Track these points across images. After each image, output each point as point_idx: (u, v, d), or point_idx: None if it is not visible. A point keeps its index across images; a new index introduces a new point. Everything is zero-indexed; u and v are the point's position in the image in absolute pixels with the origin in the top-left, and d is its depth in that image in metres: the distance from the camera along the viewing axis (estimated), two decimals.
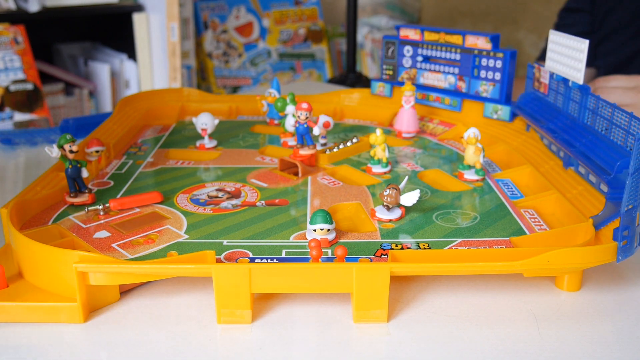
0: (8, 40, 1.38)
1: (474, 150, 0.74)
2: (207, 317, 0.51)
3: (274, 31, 1.86)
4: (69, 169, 0.66)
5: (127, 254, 0.56)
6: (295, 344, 0.48)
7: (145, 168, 0.79)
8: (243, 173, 0.77)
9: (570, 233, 0.59)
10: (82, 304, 0.50)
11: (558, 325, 0.51)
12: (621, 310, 0.53)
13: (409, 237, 0.60)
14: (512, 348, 0.48)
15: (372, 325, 0.51)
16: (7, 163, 0.90)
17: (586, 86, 0.70)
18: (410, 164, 0.80)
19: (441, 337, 0.49)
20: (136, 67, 1.61)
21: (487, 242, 0.59)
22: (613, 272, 0.59)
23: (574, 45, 0.70)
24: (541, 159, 0.76)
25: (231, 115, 1.03)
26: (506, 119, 0.88)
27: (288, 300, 0.54)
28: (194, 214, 0.65)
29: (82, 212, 0.65)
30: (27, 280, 0.53)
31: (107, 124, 0.88)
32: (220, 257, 0.55)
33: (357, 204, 0.67)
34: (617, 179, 0.60)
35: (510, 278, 0.57)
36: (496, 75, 0.89)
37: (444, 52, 0.94)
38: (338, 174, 0.77)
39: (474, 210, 0.66)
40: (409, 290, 0.56)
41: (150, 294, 0.55)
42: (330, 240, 0.58)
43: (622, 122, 0.62)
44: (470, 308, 0.53)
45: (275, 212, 0.66)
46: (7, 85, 1.36)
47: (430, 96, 0.96)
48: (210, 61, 1.75)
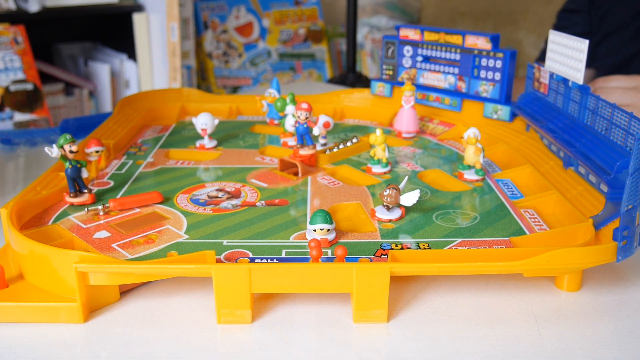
0: (8, 40, 1.38)
1: (473, 150, 0.74)
2: (207, 317, 0.51)
3: (274, 31, 1.86)
4: (68, 169, 0.66)
5: (127, 254, 0.56)
6: (295, 344, 0.48)
7: (145, 168, 0.79)
8: (243, 173, 0.77)
9: (570, 233, 0.59)
10: (82, 304, 0.50)
11: (558, 325, 0.51)
12: (621, 311, 0.53)
13: (409, 237, 0.60)
14: (512, 348, 0.48)
15: (372, 325, 0.51)
16: (7, 163, 0.90)
17: (586, 86, 0.70)
18: (410, 164, 0.80)
19: (441, 337, 0.49)
20: (136, 67, 1.61)
21: (487, 242, 0.59)
22: (613, 272, 0.59)
23: (574, 45, 0.70)
24: (541, 159, 0.76)
25: (231, 115, 1.03)
26: (506, 119, 0.88)
27: (288, 300, 0.54)
28: (194, 214, 0.65)
29: (82, 212, 0.65)
30: (27, 281, 0.53)
31: (107, 124, 0.88)
32: (220, 257, 0.55)
33: (357, 204, 0.67)
34: (617, 179, 0.60)
35: (510, 278, 0.57)
36: (496, 76, 0.89)
37: (443, 52, 0.94)
38: (338, 174, 0.77)
39: (474, 211, 0.66)
40: (409, 290, 0.56)
41: (150, 294, 0.55)
42: (330, 240, 0.58)
43: (621, 122, 0.62)
44: (470, 308, 0.53)
45: (275, 212, 0.66)
46: (7, 85, 1.36)
47: (430, 96, 0.96)
48: (210, 61, 1.75)
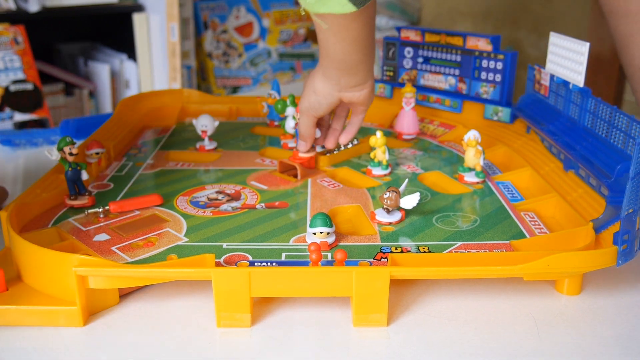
0: (8, 40, 1.38)
1: (474, 152, 0.74)
2: (207, 320, 0.51)
3: (274, 31, 1.86)
4: (68, 171, 0.66)
5: (127, 257, 0.56)
6: (295, 347, 0.48)
7: (145, 170, 0.79)
8: (243, 175, 0.76)
9: (571, 236, 0.59)
10: (81, 307, 0.50)
11: (558, 329, 0.51)
12: (621, 314, 0.53)
13: (409, 240, 0.60)
14: (512, 352, 0.48)
15: (372, 329, 0.51)
16: (6, 164, 0.90)
17: (587, 89, 0.70)
18: (411, 166, 0.80)
19: (441, 341, 0.49)
20: (136, 67, 1.61)
21: (487, 245, 0.59)
22: (613, 276, 0.59)
23: (575, 48, 0.70)
24: (541, 161, 0.76)
25: (231, 116, 1.03)
26: (506, 120, 0.88)
27: (288, 303, 0.54)
28: (194, 217, 0.64)
29: (82, 214, 0.65)
30: (27, 284, 0.53)
31: (107, 126, 0.88)
32: (220, 260, 0.55)
33: (357, 206, 0.67)
34: (617, 182, 0.59)
35: (510, 282, 0.57)
36: (497, 77, 0.89)
37: (444, 54, 0.94)
38: (338, 176, 0.77)
39: (474, 213, 0.66)
40: (409, 293, 0.56)
41: (149, 297, 0.55)
42: (330, 244, 0.58)
43: (622, 125, 0.62)
44: (470, 312, 0.53)
45: (275, 214, 0.65)
46: (7, 85, 1.36)
47: (430, 97, 0.96)
48: (210, 61, 1.75)
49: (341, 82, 0.70)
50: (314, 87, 0.72)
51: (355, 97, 0.72)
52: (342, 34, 0.64)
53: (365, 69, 0.70)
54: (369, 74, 0.71)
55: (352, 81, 0.70)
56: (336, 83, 0.70)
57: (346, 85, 0.71)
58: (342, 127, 0.79)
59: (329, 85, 0.71)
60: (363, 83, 0.71)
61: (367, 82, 0.72)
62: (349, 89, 0.71)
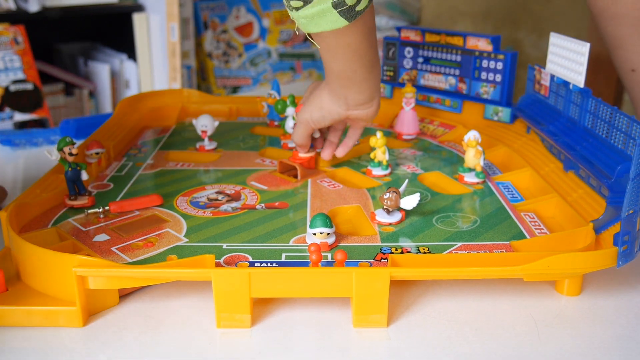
0: (8, 40, 1.38)
1: (474, 153, 0.74)
2: (207, 321, 0.51)
3: (274, 31, 1.86)
4: (68, 171, 0.66)
5: (127, 258, 0.56)
6: (295, 348, 0.48)
7: (145, 170, 0.79)
8: (243, 175, 0.76)
9: (571, 237, 0.59)
10: (81, 307, 0.50)
11: (558, 329, 0.51)
12: (621, 315, 0.53)
13: (409, 240, 0.60)
14: (512, 352, 0.48)
15: (372, 329, 0.50)
16: (6, 164, 0.90)
17: (587, 89, 0.70)
18: (411, 166, 0.80)
19: (441, 342, 0.49)
20: (136, 67, 1.61)
21: (487, 246, 0.59)
22: (613, 276, 0.59)
23: (576, 49, 0.70)
24: (542, 161, 0.76)
25: (231, 116, 1.03)
26: (506, 120, 0.88)
27: (288, 304, 0.54)
28: (194, 217, 0.64)
29: (81, 214, 0.65)
30: (27, 284, 0.53)
31: (107, 126, 0.88)
32: (220, 261, 0.55)
33: (357, 207, 0.67)
34: (618, 182, 0.59)
35: (510, 282, 0.57)
36: (497, 77, 0.88)
37: (444, 54, 0.94)
38: (338, 176, 0.77)
39: (474, 214, 0.66)
40: (409, 294, 0.56)
41: (149, 298, 0.55)
42: (330, 244, 0.58)
43: (622, 126, 0.62)
44: (470, 312, 0.53)
45: (275, 215, 0.65)
46: (7, 85, 1.36)
47: (430, 97, 0.96)
48: (210, 61, 1.75)
49: (349, 100, 0.69)
50: (321, 103, 0.71)
51: (362, 115, 0.71)
52: (342, 50, 0.63)
53: (371, 86, 0.69)
54: (376, 91, 0.70)
55: (359, 99, 0.69)
56: (344, 102, 0.69)
57: (354, 104, 0.69)
58: (339, 140, 0.78)
59: (337, 104, 0.70)
60: (370, 101, 0.70)
61: (374, 100, 0.71)
62: (356, 107, 0.70)
